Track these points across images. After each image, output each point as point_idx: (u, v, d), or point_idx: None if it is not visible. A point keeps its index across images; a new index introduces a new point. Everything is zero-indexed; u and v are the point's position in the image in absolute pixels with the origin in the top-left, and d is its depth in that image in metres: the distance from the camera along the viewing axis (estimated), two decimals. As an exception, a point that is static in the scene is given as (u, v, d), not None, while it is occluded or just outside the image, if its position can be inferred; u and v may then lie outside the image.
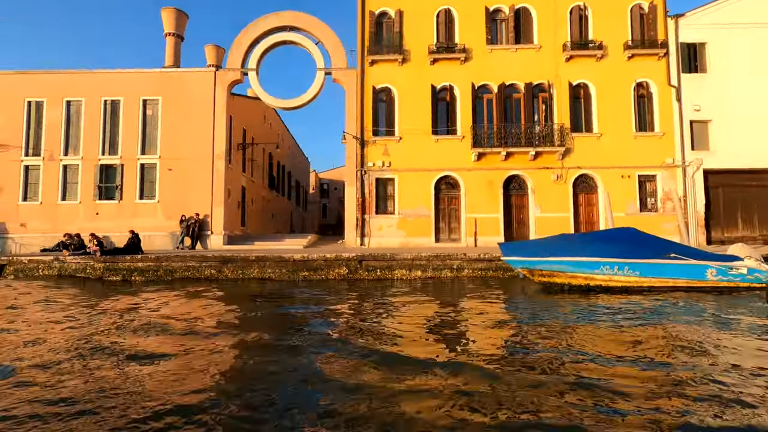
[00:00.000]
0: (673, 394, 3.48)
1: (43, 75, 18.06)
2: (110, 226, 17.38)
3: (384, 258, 11.45)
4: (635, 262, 8.78)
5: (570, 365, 4.20)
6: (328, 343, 5.20)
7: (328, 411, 3.17)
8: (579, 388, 3.56)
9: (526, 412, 3.09)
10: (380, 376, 3.94)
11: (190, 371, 4.13)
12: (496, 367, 4.20)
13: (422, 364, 4.26)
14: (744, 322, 6.25)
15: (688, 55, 17.59)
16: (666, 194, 17.05)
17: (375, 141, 17.65)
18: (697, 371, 4.01)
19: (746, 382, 3.71)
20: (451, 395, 3.42)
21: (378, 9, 18.09)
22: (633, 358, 4.52)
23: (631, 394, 3.43)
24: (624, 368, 4.12)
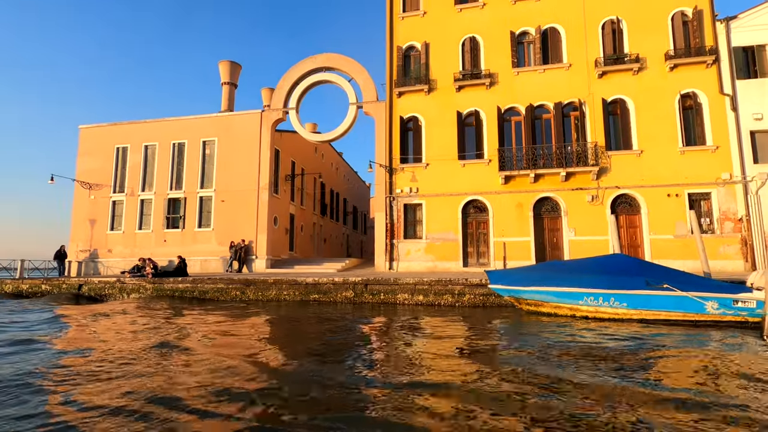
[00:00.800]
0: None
1: (127, 125, 21.63)
2: (175, 252, 19.90)
3: (387, 282, 11.87)
4: (622, 293, 8.20)
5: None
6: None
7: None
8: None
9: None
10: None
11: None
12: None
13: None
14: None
15: (746, 60, 15.91)
16: (723, 214, 15.29)
17: (403, 168, 18.29)
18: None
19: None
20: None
21: (405, 44, 19.04)
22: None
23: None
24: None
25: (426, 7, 19.05)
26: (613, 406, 3.91)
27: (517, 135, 17.55)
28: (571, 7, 17.51)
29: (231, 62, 22.64)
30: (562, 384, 4.56)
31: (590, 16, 17.29)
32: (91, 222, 21.27)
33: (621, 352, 6.08)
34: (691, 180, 15.62)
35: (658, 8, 16.68)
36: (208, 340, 7.16)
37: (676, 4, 16.55)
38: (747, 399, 4.12)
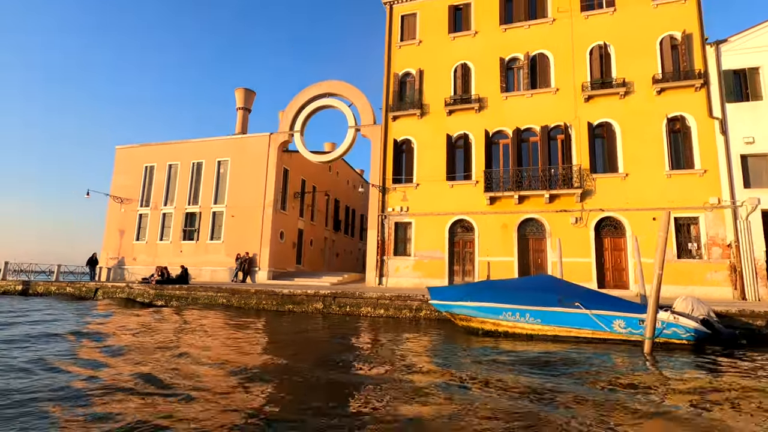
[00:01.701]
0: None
1: (154, 146, 24.05)
2: (189, 261, 21.76)
3: (353, 296, 12.70)
4: (536, 310, 8.58)
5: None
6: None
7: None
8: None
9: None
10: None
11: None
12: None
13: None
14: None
15: (738, 83, 15.66)
16: (711, 239, 14.95)
17: (395, 188, 19.18)
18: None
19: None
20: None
21: (402, 70, 20.14)
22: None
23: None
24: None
25: (422, 36, 20.12)
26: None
27: (505, 157, 18.01)
28: (560, 33, 17.95)
29: (246, 89, 24.88)
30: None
31: (578, 41, 17.64)
32: (120, 232, 23.66)
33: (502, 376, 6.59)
34: (678, 204, 15.42)
35: (647, 33, 16.79)
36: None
37: (665, 28, 16.60)
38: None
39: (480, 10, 19.37)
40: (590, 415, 4.40)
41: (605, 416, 4.38)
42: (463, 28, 19.58)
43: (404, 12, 20.69)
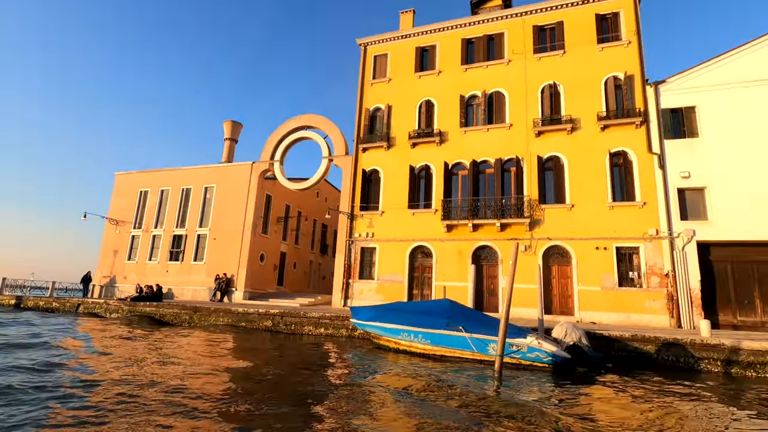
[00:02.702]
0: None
1: (149, 172, 25.94)
2: (174, 281, 23.18)
3: (298, 315, 13.73)
4: (427, 332, 9.46)
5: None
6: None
7: None
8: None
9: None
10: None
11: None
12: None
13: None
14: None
15: (676, 121, 16.59)
16: (650, 268, 15.60)
17: (362, 215, 20.38)
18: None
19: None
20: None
21: (372, 105, 21.67)
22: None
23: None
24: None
25: (392, 75, 21.70)
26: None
27: (463, 187, 19.09)
28: (515, 73, 19.27)
29: (233, 122, 26.82)
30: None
31: (531, 81, 18.90)
32: (114, 252, 25.32)
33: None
34: (620, 234, 16.17)
35: (593, 74, 17.97)
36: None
37: (609, 69, 17.76)
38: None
39: (444, 51, 20.91)
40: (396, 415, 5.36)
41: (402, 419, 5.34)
42: (429, 67, 21.11)
43: (377, 52, 22.39)
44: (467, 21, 20.70)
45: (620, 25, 18.05)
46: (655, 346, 10.06)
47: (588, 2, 18.72)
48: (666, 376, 8.69)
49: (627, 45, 17.68)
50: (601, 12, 18.47)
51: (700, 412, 6.17)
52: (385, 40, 22.30)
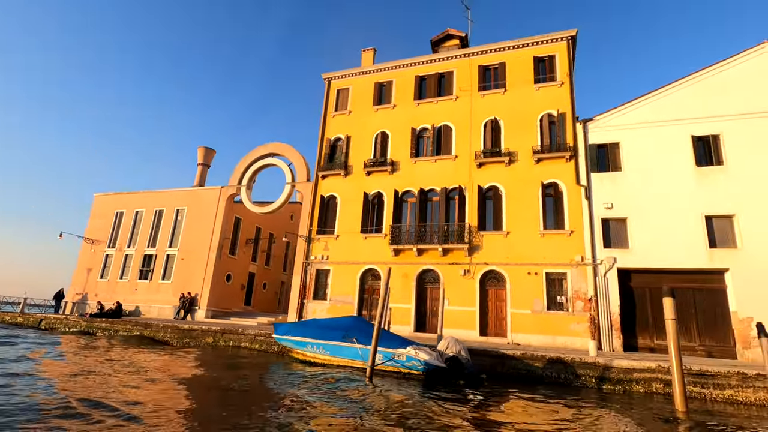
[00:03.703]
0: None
1: (125, 195, 27.23)
2: (142, 299, 24.13)
3: (236, 332, 14.68)
4: (326, 343, 10.43)
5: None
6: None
7: None
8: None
9: None
10: None
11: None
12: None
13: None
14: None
15: (602, 156, 17.90)
16: (575, 293, 16.60)
17: (319, 238, 21.50)
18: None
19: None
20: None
21: (333, 136, 23.11)
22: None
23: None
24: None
25: (352, 107, 23.23)
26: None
27: (412, 214, 20.27)
28: (462, 108, 20.75)
29: (206, 148, 28.40)
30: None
31: (476, 116, 20.36)
32: (88, 270, 26.33)
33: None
34: (550, 260, 17.24)
35: (530, 111, 19.41)
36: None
37: (545, 107, 19.20)
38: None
39: (399, 87, 22.49)
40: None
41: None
42: (386, 101, 22.64)
43: (340, 86, 24.01)
44: (421, 60, 22.35)
45: (555, 67, 19.61)
46: (542, 364, 11.01)
47: (527, 46, 20.36)
48: (529, 389, 9.63)
49: (560, 85, 19.19)
50: (539, 55, 20.07)
51: (503, 413, 7.13)
52: (348, 76, 23.95)
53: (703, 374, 9.66)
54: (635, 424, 7.01)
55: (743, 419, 7.85)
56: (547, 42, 20.02)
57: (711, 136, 16.53)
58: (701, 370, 9.72)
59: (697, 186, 16.12)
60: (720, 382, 9.47)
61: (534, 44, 20.26)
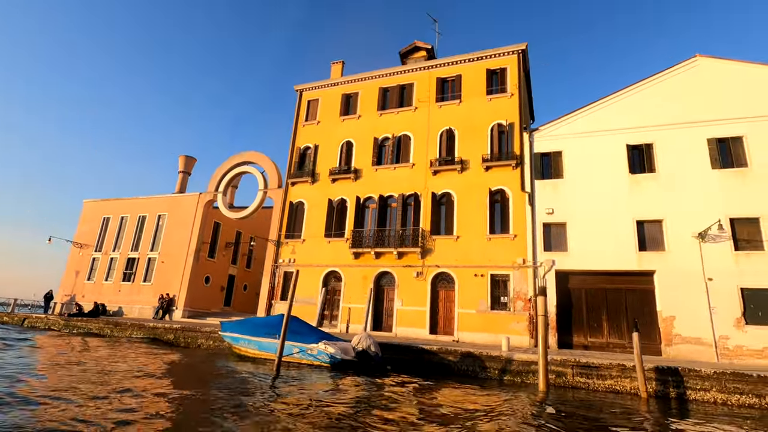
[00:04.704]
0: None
1: (111, 201, 28.70)
2: (125, 300, 25.52)
3: (194, 330, 15.91)
4: (254, 339, 11.56)
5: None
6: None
7: None
8: None
9: None
10: None
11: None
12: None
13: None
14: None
15: (546, 164, 18.90)
16: (517, 294, 17.61)
17: (287, 242, 22.72)
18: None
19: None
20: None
21: (303, 145, 24.36)
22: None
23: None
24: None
25: (321, 118, 24.46)
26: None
27: (373, 219, 21.40)
28: (420, 119, 21.87)
29: (187, 156, 29.87)
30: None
31: (433, 126, 21.46)
32: (76, 273, 27.80)
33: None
34: (494, 263, 18.26)
35: (482, 121, 20.47)
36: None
37: (495, 118, 20.25)
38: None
39: (364, 98, 23.67)
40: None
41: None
42: (351, 112, 23.84)
43: (310, 98, 25.26)
44: (385, 72, 23.52)
45: (506, 80, 20.67)
46: (455, 358, 12.06)
47: (481, 59, 21.44)
48: (436, 379, 10.69)
49: (510, 96, 20.24)
50: (492, 67, 21.15)
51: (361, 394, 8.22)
52: (318, 87, 25.20)
53: (589, 366, 10.67)
54: (503, 399, 8.08)
55: (597, 402, 8.87)
56: (499, 55, 21.08)
57: (644, 145, 17.49)
58: (588, 363, 10.72)
59: (631, 192, 17.07)
60: (603, 373, 10.47)
61: (487, 57, 21.34)
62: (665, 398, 9.76)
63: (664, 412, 8.48)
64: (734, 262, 15.05)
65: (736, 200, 15.64)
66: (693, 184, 16.31)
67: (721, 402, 9.30)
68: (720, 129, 16.59)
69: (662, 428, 7.35)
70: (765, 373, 9.30)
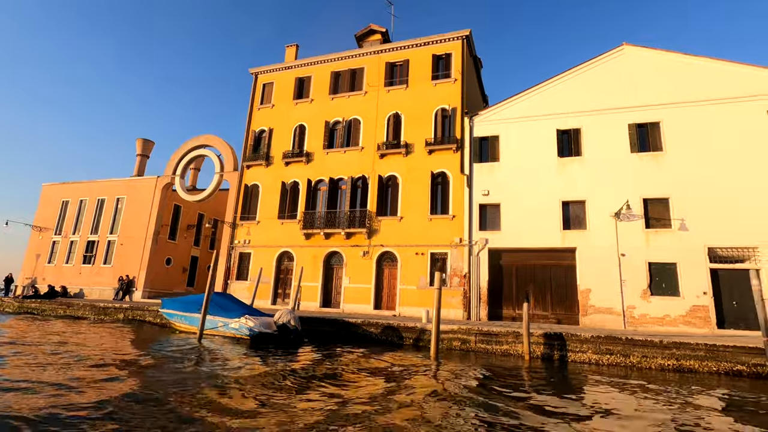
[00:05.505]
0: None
1: (71, 184, 28.73)
2: (85, 282, 25.96)
3: (142, 309, 16.66)
4: (187, 315, 12.44)
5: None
6: None
7: None
8: None
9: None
10: None
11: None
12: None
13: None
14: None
15: (487, 147, 19.82)
16: (454, 271, 18.76)
17: (242, 224, 23.37)
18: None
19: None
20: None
21: (258, 128, 24.74)
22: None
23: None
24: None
25: (275, 101, 24.81)
26: None
27: (324, 201, 22.15)
28: (369, 103, 22.45)
29: (145, 139, 29.93)
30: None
31: (381, 110, 22.10)
32: (37, 256, 27.99)
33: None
34: (434, 242, 19.32)
35: (427, 106, 21.19)
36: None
37: (439, 103, 20.98)
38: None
39: (317, 82, 24.07)
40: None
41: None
42: (304, 96, 24.25)
43: (265, 81, 25.51)
44: (337, 56, 23.89)
45: (451, 65, 21.33)
46: (377, 329, 13.15)
47: (428, 44, 22.00)
48: (357, 347, 11.74)
49: (454, 82, 20.95)
50: (437, 53, 21.75)
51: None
52: (272, 71, 25.43)
53: (489, 334, 11.85)
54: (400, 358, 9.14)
55: (489, 365, 10.04)
56: (445, 41, 21.67)
57: (573, 130, 18.52)
58: (488, 331, 11.91)
59: (558, 174, 18.17)
60: (500, 340, 11.67)
61: (433, 43, 21.90)
62: (550, 359, 11.02)
63: (529, 369, 9.69)
64: (644, 239, 16.38)
65: (650, 182, 16.87)
66: (614, 167, 17.47)
67: (595, 362, 10.59)
68: (640, 114, 17.69)
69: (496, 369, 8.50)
70: (632, 336, 10.58)
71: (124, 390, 6.31)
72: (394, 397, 6.50)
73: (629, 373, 9.72)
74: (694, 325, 15.10)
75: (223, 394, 6.42)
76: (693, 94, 17.05)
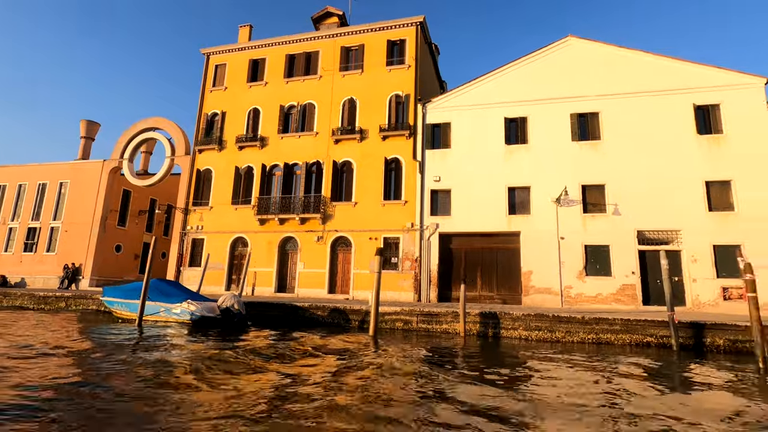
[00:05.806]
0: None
1: (7, 168, 27.07)
2: (27, 270, 24.75)
3: (85, 297, 16.22)
4: (127, 302, 12.36)
5: None
6: None
7: None
8: None
9: None
10: None
11: None
12: None
13: None
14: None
15: (439, 134, 20.23)
16: (405, 255, 19.24)
17: (195, 210, 22.88)
18: None
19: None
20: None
21: (210, 111, 24.08)
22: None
23: None
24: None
25: (228, 84, 24.17)
26: None
27: (278, 186, 22.01)
28: (324, 88, 22.31)
29: (89, 121, 28.48)
30: None
31: (336, 95, 22.02)
32: (-28, 244, 26.33)
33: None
34: (387, 227, 19.70)
35: (381, 92, 21.29)
36: None
37: (393, 89, 21.14)
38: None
39: (271, 64, 23.62)
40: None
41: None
42: (258, 78, 23.75)
43: (218, 62, 24.76)
44: (291, 39, 23.47)
45: (405, 52, 21.46)
46: (324, 313, 13.46)
47: (383, 30, 21.99)
48: (303, 330, 12.02)
49: (408, 68, 21.13)
50: (392, 39, 21.80)
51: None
52: (225, 51, 24.70)
53: (430, 314, 12.41)
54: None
55: (420, 340, 10.56)
56: (399, 27, 21.73)
57: (519, 119, 19.20)
58: (429, 312, 12.46)
59: (505, 161, 18.86)
60: (440, 320, 12.25)
61: (388, 28, 21.92)
62: (485, 336, 11.70)
63: (464, 346, 10.31)
64: (582, 223, 17.39)
65: (589, 169, 17.84)
66: (556, 155, 18.31)
67: (525, 337, 11.35)
68: (581, 105, 18.55)
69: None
70: (557, 313, 11.40)
71: (51, 376, 6.29)
72: (323, 375, 6.82)
73: (555, 346, 10.51)
74: (623, 302, 16.31)
75: (159, 376, 6.51)
76: (629, 86, 18.03)
